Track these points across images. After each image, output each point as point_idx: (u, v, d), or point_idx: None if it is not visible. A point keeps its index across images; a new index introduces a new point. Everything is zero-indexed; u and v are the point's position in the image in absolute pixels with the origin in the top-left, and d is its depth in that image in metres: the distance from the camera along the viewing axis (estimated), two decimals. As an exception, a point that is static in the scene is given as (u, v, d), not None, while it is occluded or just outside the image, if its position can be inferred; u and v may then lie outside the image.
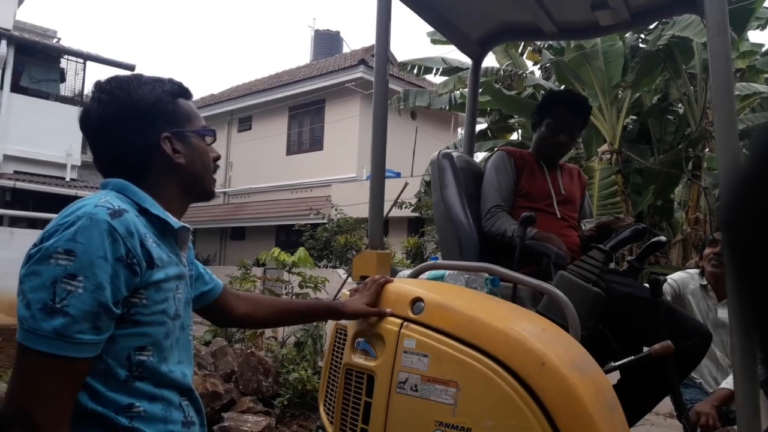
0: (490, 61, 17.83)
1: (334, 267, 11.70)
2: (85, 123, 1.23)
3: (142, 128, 1.21)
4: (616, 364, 1.78)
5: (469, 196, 2.35)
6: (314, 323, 5.45)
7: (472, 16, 2.75)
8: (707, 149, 8.73)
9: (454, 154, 2.45)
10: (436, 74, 11.27)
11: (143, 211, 1.17)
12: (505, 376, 1.46)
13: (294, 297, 5.92)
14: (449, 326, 1.58)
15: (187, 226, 1.26)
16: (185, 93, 1.31)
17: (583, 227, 2.40)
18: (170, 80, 1.29)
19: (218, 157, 1.36)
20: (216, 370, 4.73)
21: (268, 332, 6.17)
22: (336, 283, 7.28)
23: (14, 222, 12.98)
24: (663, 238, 2.35)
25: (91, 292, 1.02)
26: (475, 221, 2.29)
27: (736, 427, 1.58)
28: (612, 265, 2.22)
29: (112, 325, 1.06)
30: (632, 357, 1.77)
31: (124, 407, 1.09)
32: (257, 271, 8.93)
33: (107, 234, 1.05)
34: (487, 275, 1.86)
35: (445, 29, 2.77)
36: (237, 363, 4.85)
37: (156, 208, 1.19)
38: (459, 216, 2.27)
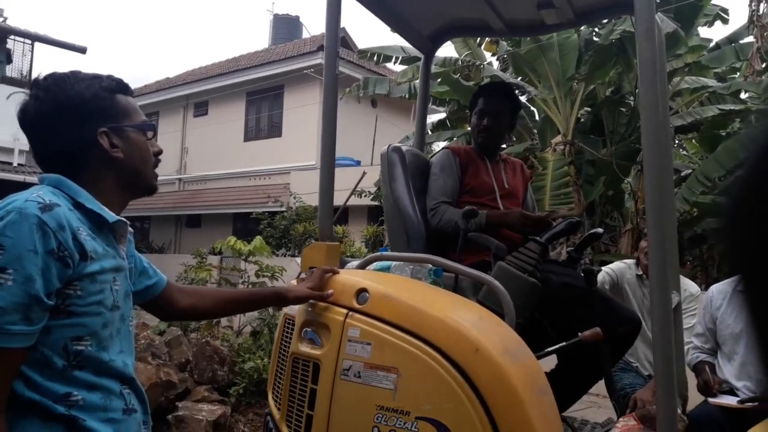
0: (448, 51, 17.89)
1: (293, 256, 11.67)
2: (23, 119, 1.25)
3: (78, 124, 1.24)
4: (550, 349, 1.89)
5: (418, 189, 2.42)
6: (271, 312, 5.48)
7: (423, 12, 2.81)
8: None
9: (404, 148, 2.52)
10: (395, 63, 11.28)
11: (78, 206, 1.19)
12: (443, 363, 1.55)
13: (250, 286, 5.92)
14: (392, 315, 1.65)
15: (124, 219, 1.28)
16: (124, 89, 1.33)
17: None
18: (109, 76, 1.32)
19: (159, 152, 1.39)
20: (170, 360, 4.71)
21: (224, 322, 6.16)
22: (294, 272, 7.28)
23: (-42, 209, 12.51)
24: (600, 230, 2.48)
25: (21, 284, 1.04)
26: (422, 214, 2.37)
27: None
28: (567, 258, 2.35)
29: (45, 316, 1.09)
30: (564, 343, 1.87)
31: (62, 396, 1.12)
32: (213, 260, 8.85)
33: (37, 227, 1.07)
34: (430, 266, 1.94)
35: (396, 24, 2.82)
36: (192, 352, 4.84)
37: (91, 203, 1.21)
38: (407, 209, 2.34)
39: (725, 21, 9.06)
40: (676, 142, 13.35)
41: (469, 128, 11.96)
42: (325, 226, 2.17)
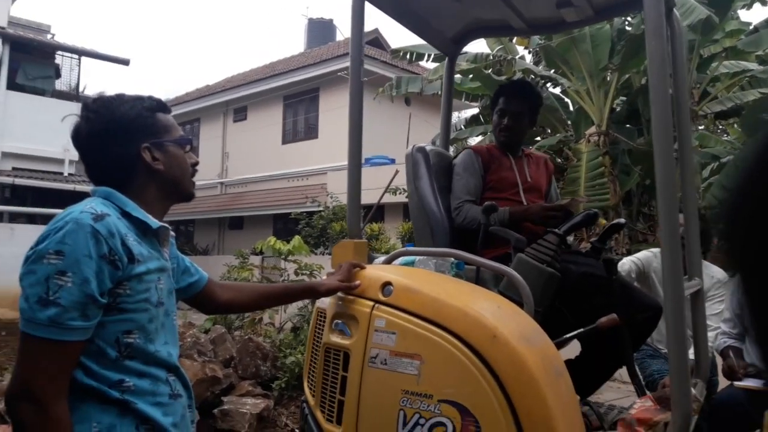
0: (480, 46, 17.83)
1: (331, 254, 11.87)
2: (76, 139, 1.41)
3: (124, 141, 1.39)
4: (567, 335, 1.97)
5: (441, 187, 2.53)
6: (309, 309, 5.67)
7: (444, 15, 2.91)
8: (693, 128, 8.89)
9: (428, 148, 2.63)
10: (428, 60, 11.35)
11: (125, 214, 1.35)
12: (463, 349, 1.65)
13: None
14: (414, 306, 1.77)
15: (166, 225, 1.44)
16: (163, 108, 1.49)
17: None
18: (149, 97, 1.47)
19: (196, 163, 1.53)
20: (215, 357, 4.91)
21: (266, 319, 6.38)
22: (332, 270, 7.45)
23: (14, 218, 13.17)
24: (622, 221, 2.54)
25: (79, 285, 1.19)
26: (446, 211, 2.48)
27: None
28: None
29: (99, 313, 1.24)
30: (582, 329, 1.96)
31: (116, 382, 1.27)
32: (255, 260, 9.11)
33: (91, 235, 1.22)
34: (452, 260, 2.05)
35: (419, 29, 2.92)
36: (236, 349, 5.03)
37: (136, 211, 1.36)
38: (431, 206, 2.45)
39: (765, 3, 8.84)
40: (720, 128, 13.05)
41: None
42: (353, 226, 2.30)
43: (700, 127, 10.74)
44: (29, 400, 1.17)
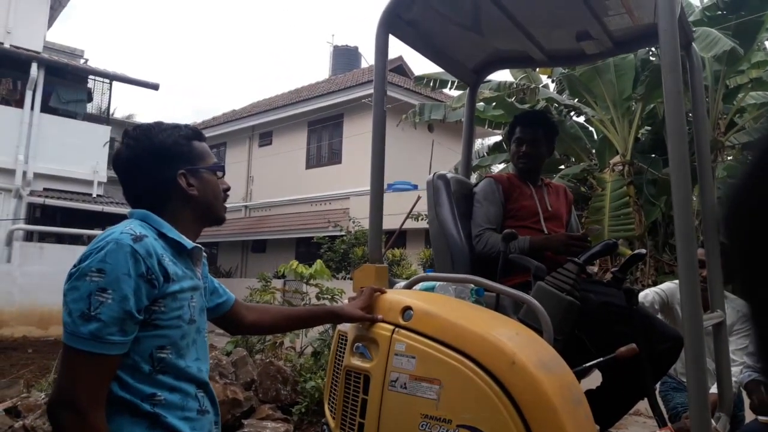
0: (504, 75, 17.97)
1: (352, 279, 11.89)
2: (116, 164, 1.49)
3: (161, 167, 1.47)
4: (587, 365, 1.97)
5: (462, 214, 2.57)
6: (330, 334, 5.69)
7: (466, 47, 2.98)
8: (720, 159, 8.81)
9: (449, 175, 2.67)
10: (451, 88, 11.48)
11: (161, 235, 1.42)
12: (481, 374, 1.67)
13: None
14: (434, 331, 1.79)
15: (200, 246, 1.50)
16: (199, 136, 1.57)
17: None
18: (186, 126, 1.56)
19: (228, 188, 1.61)
20: (237, 379, 4.96)
21: (287, 343, 6.41)
22: (353, 295, 7.47)
23: (43, 237, 13.47)
24: (643, 251, 2.55)
25: (118, 302, 1.26)
26: (467, 238, 2.51)
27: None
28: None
29: (136, 329, 1.30)
30: (601, 358, 1.96)
31: (148, 396, 1.33)
32: (277, 283, 9.17)
33: (130, 255, 1.29)
34: (472, 286, 2.08)
35: (442, 60, 2.99)
36: (257, 372, 5.07)
37: (172, 233, 1.44)
38: (452, 232, 2.49)
39: (791, 34, 8.79)
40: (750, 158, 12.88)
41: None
42: (375, 250, 2.35)
43: (728, 158, 10.64)
44: (70, 409, 1.23)
